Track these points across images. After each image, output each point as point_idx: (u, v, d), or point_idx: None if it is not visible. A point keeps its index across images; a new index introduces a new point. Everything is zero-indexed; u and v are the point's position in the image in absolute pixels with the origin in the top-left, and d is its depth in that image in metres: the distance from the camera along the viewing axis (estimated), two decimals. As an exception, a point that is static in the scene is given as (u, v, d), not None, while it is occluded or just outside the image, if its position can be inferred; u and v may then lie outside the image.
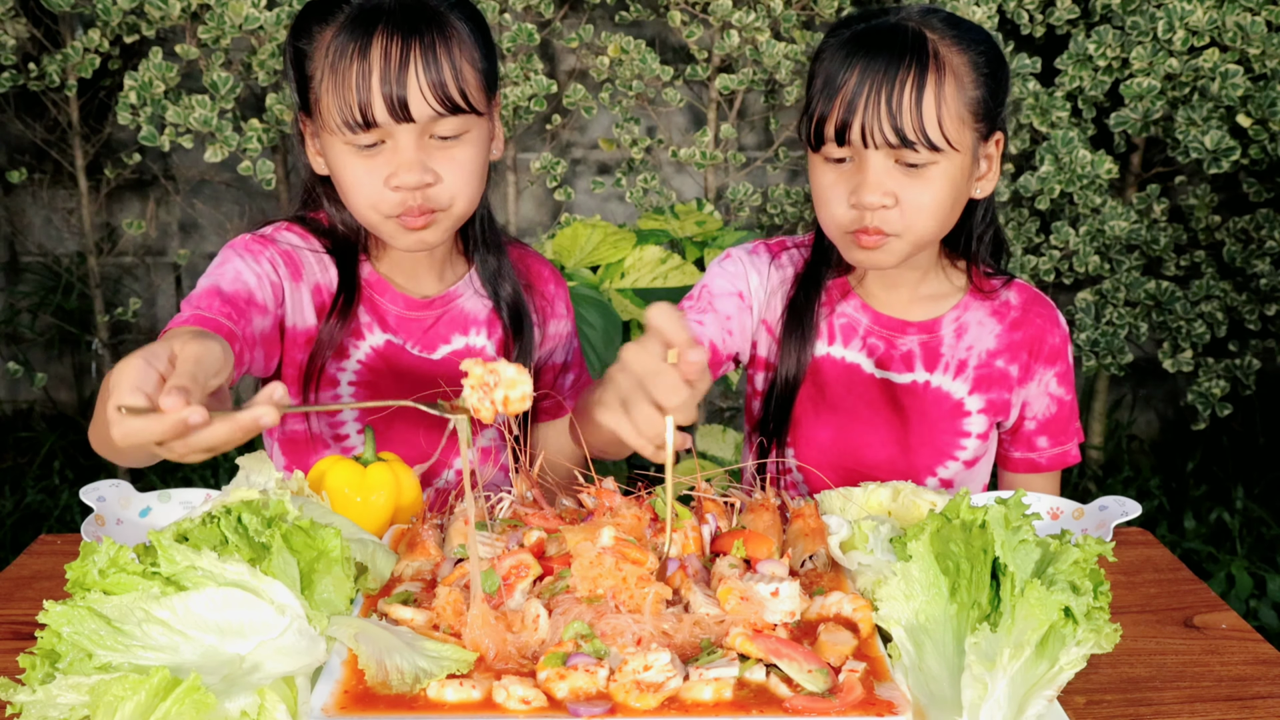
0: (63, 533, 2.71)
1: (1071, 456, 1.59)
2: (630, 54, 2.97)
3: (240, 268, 1.37)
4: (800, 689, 0.89)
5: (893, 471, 1.53)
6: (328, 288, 1.45)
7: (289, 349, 1.44)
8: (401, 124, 1.30)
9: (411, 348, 1.49)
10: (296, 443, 1.52)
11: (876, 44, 1.32)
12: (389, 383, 1.49)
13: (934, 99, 1.31)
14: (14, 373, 3.28)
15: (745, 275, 1.54)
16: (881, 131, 1.30)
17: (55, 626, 0.87)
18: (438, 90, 1.29)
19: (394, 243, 1.40)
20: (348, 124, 1.30)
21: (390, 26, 1.29)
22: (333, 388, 1.47)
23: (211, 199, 3.54)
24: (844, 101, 1.32)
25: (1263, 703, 1.00)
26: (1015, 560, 0.93)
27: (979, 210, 1.47)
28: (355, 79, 1.28)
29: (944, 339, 1.52)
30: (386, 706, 0.88)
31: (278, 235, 1.44)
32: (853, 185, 1.35)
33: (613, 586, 1.01)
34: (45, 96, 3.17)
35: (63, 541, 1.36)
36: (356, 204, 1.37)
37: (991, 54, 1.37)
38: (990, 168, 1.42)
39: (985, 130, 1.38)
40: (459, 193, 1.36)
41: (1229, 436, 3.51)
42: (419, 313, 1.50)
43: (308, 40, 1.34)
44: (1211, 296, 3.01)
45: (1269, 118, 2.68)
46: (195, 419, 0.86)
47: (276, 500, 1.03)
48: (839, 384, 1.53)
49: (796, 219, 3.17)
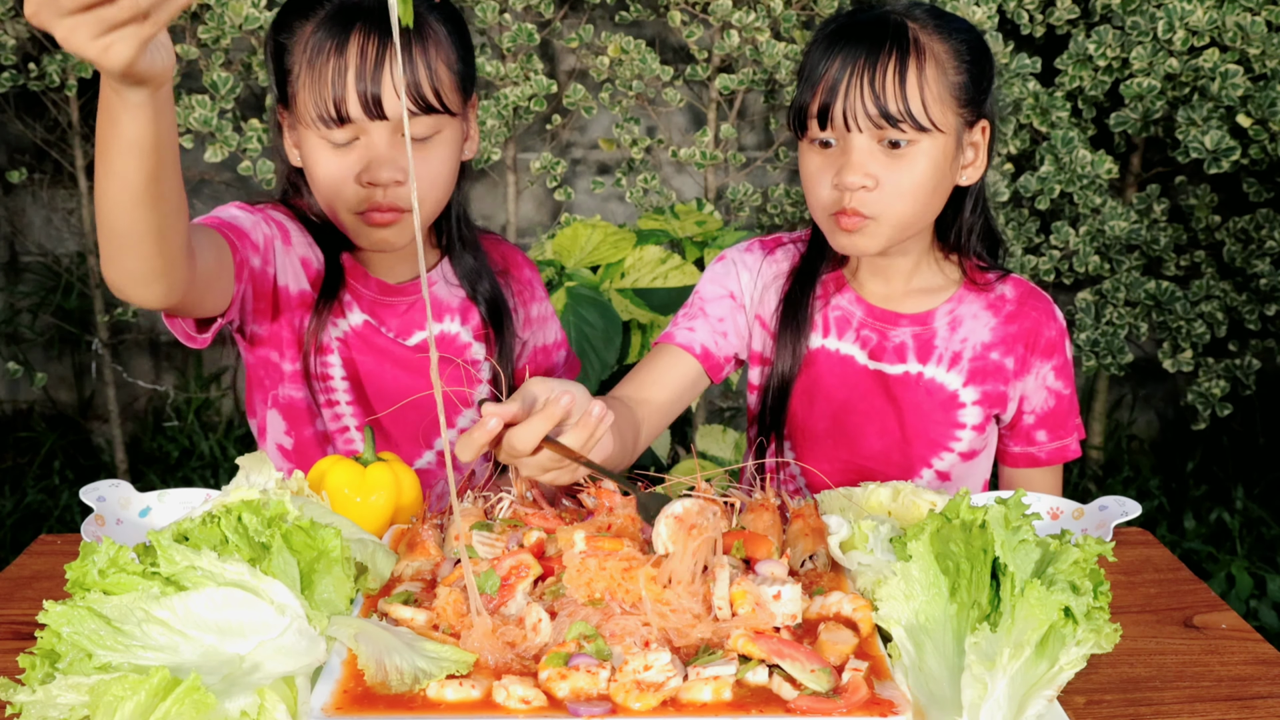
0: (63, 533, 2.71)
1: (1071, 451, 1.60)
2: (630, 54, 2.97)
3: (236, 213, 1.41)
4: (804, 689, 0.89)
5: (889, 463, 1.56)
6: (314, 262, 1.49)
7: (284, 309, 1.47)
8: (375, 121, 1.33)
9: (387, 332, 1.53)
10: (295, 410, 1.54)
11: (858, 32, 1.37)
12: (370, 360, 1.53)
13: (916, 80, 1.35)
14: (14, 373, 3.28)
15: (736, 275, 1.57)
16: (865, 111, 1.34)
17: (55, 626, 0.87)
18: (412, 90, 1.32)
19: (358, 239, 1.44)
20: (322, 119, 1.32)
21: (368, 25, 1.32)
22: (327, 353, 1.51)
23: (211, 199, 3.54)
24: (826, 85, 1.36)
25: (1263, 703, 1.00)
26: (1015, 560, 0.93)
27: (969, 201, 1.49)
28: (331, 75, 1.31)
29: (938, 331, 1.53)
30: (386, 707, 0.88)
31: (267, 210, 1.49)
32: (836, 168, 1.38)
33: (607, 587, 1.00)
34: (45, 96, 3.17)
35: (63, 541, 1.36)
36: (326, 197, 1.40)
37: (974, 43, 1.41)
38: (977, 156, 1.45)
39: (970, 117, 1.41)
40: (427, 192, 1.39)
41: (1229, 436, 3.51)
42: (391, 298, 1.54)
43: (288, 34, 1.37)
44: (1211, 296, 3.01)
45: (1269, 118, 2.68)
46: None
47: (276, 500, 1.03)
48: (833, 376, 1.56)
49: (796, 219, 3.17)
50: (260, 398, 1.55)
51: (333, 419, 1.55)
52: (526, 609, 0.99)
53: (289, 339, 1.49)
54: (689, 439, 3.03)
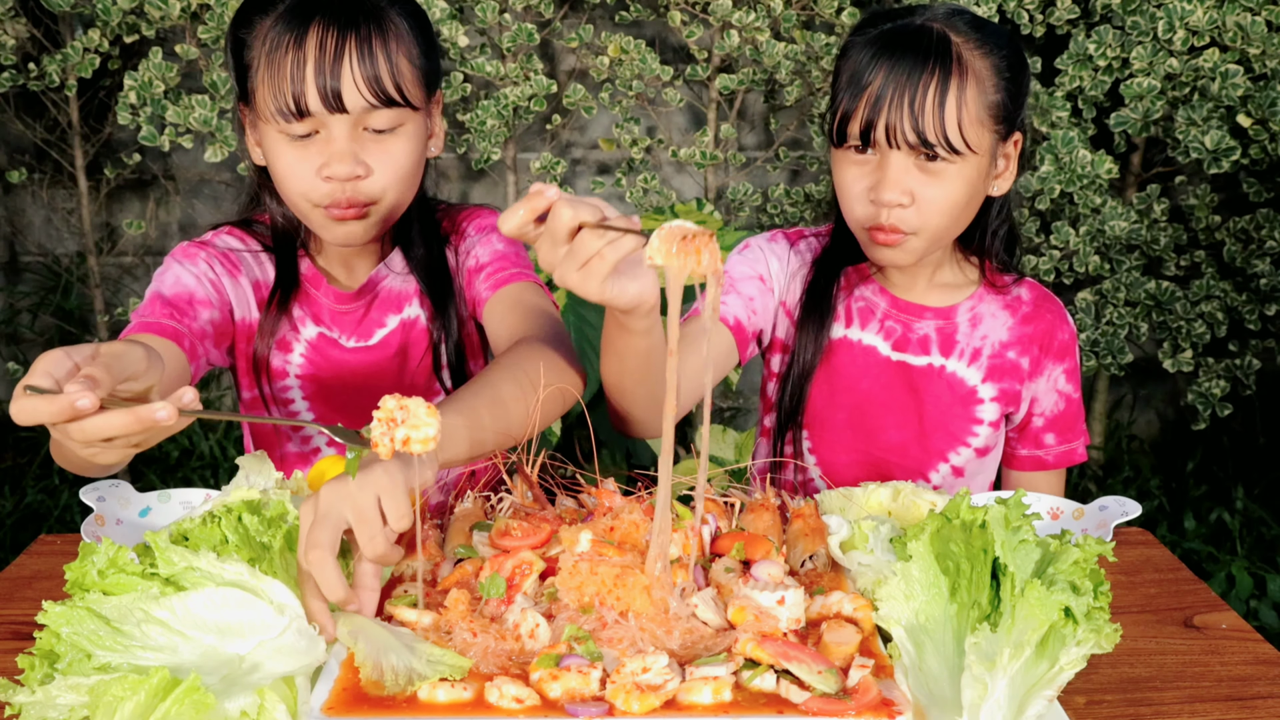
0: (63, 533, 2.71)
1: (1078, 455, 1.61)
2: (630, 54, 2.97)
3: (179, 272, 1.45)
4: (813, 690, 0.89)
5: (906, 455, 1.57)
6: (266, 284, 1.51)
7: (238, 340, 1.50)
8: (335, 114, 1.32)
9: (346, 340, 1.54)
10: (264, 433, 1.59)
11: (902, 45, 1.35)
12: (327, 375, 1.54)
13: (955, 103, 1.34)
14: (14, 373, 3.28)
15: (765, 260, 1.58)
16: (903, 132, 1.34)
17: (54, 627, 0.87)
18: (372, 84, 1.32)
19: (323, 234, 1.44)
20: (281, 112, 1.32)
21: (327, 18, 1.32)
22: (283, 379, 1.54)
23: (211, 199, 3.54)
24: (869, 101, 1.36)
25: (1263, 703, 1.00)
26: (1015, 560, 0.93)
27: (994, 207, 1.51)
28: (290, 68, 1.31)
29: (959, 326, 1.55)
30: (386, 707, 0.88)
31: (216, 240, 1.52)
32: (872, 181, 1.39)
33: (597, 592, 1.00)
34: (45, 96, 3.17)
35: (62, 541, 1.36)
36: (288, 192, 1.40)
37: (1014, 58, 1.40)
38: (1008, 166, 1.46)
39: (1004, 132, 1.41)
40: (389, 186, 1.38)
41: (1229, 436, 3.51)
42: (348, 305, 1.55)
43: (247, 29, 1.36)
44: (1211, 296, 3.01)
45: (1269, 118, 2.68)
46: (83, 404, 0.86)
47: (277, 500, 1.03)
48: (855, 366, 1.57)
49: (797, 219, 3.17)
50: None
51: (302, 440, 1.58)
52: (522, 616, 0.99)
53: (243, 368, 1.53)
54: (689, 439, 3.03)
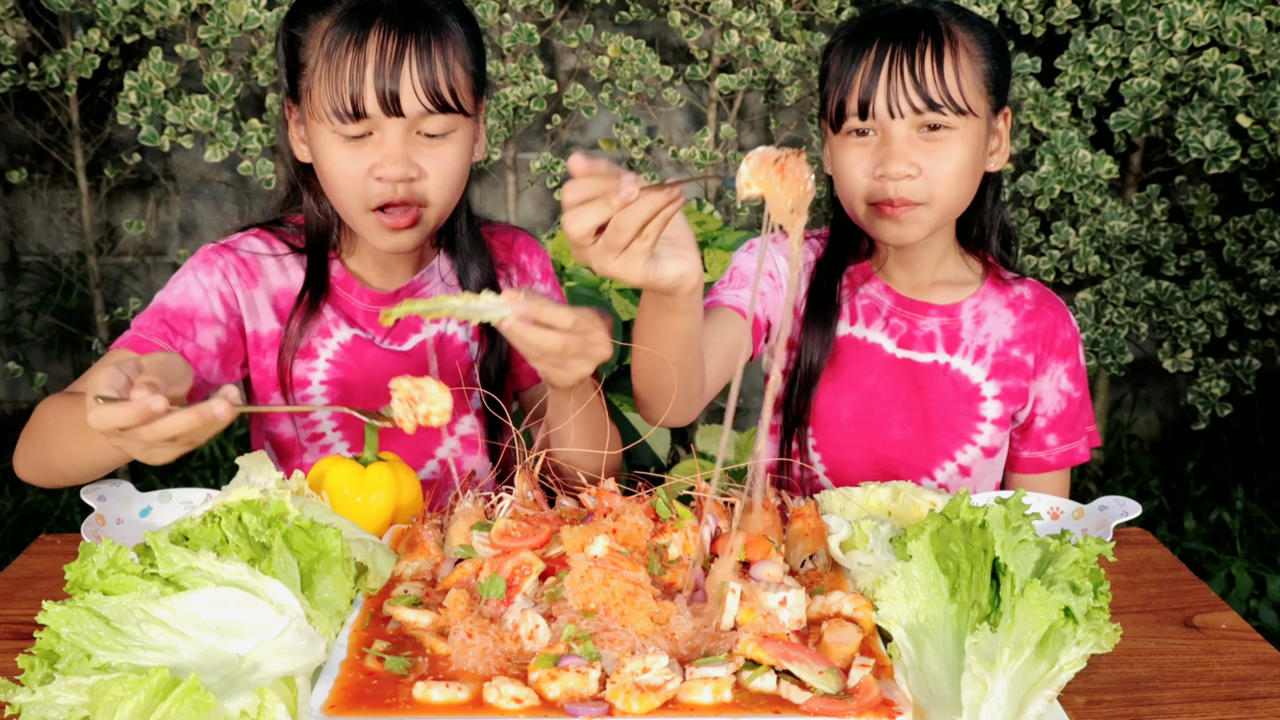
0: (63, 533, 2.71)
1: (1080, 455, 1.61)
2: (630, 54, 2.97)
3: (189, 282, 1.44)
4: (815, 691, 0.89)
5: (912, 453, 1.57)
6: (290, 291, 1.49)
7: (252, 353, 1.48)
8: (391, 118, 1.32)
9: (381, 341, 1.52)
10: (282, 443, 1.56)
11: (891, 24, 1.42)
12: (358, 379, 1.51)
13: (952, 66, 1.39)
14: (14, 373, 3.28)
15: (773, 258, 1.58)
16: (908, 99, 1.38)
17: (54, 627, 0.87)
18: (429, 88, 1.32)
19: (372, 240, 1.41)
20: (338, 113, 1.31)
21: (387, 22, 1.31)
22: (304, 388, 1.50)
23: (211, 199, 3.54)
24: (865, 76, 1.40)
25: (1263, 703, 1.00)
26: (1015, 560, 0.93)
27: (988, 193, 1.53)
28: (350, 70, 1.31)
29: (963, 323, 1.56)
30: (386, 707, 0.88)
31: (241, 243, 1.50)
32: (877, 159, 1.41)
33: (603, 601, 1.00)
34: (45, 96, 3.17)
35: (63, 541, 1.36)
36: (338, 193, 1.38)
37: (994, 35, 1.46)
38: (1001, 142, 1.49)
39: (995, 104, 1.46)
40: (440, 190, 1.38)
41: (1229, 436, 3.51)
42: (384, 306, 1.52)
43: (303, 28, 1.36)
44: (1211, 296, 3.01)
45: (1269, 118, 2.68)
46: (157, 405, 0.98)
47: (277, 500, 1.03)
48: (860, 363, 1.57)
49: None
50: (255, 427, 1.58)
51: (320, 450, 1.55)
52: (522, 617, 0.99)
53: (260, 380, 1.49)
54: (689, 439, 3.03)
